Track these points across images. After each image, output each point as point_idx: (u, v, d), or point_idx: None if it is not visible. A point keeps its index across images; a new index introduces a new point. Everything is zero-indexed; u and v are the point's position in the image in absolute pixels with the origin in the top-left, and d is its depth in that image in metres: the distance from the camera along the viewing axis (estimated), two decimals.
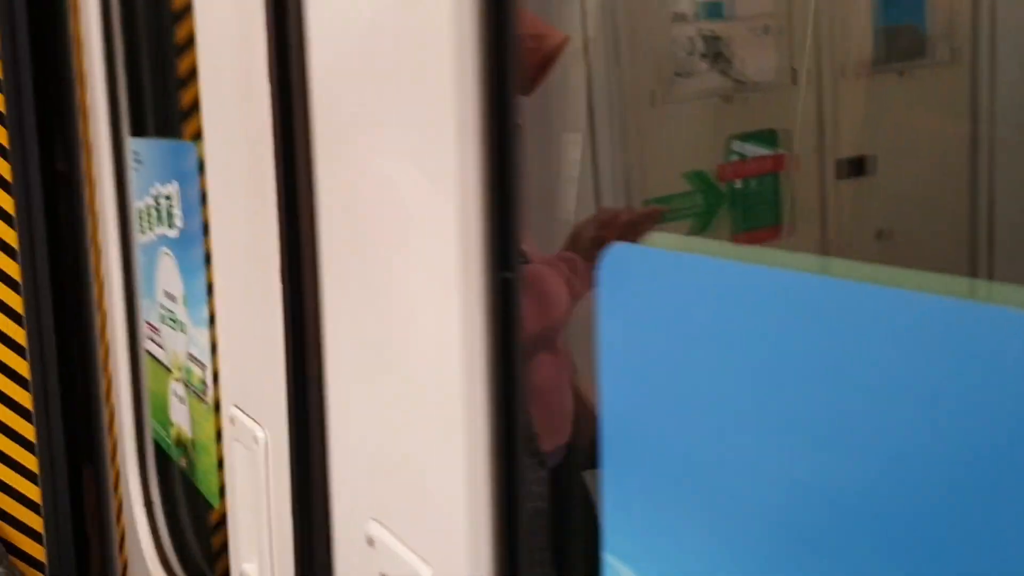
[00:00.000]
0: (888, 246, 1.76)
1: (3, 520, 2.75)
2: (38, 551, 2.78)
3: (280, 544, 1.46)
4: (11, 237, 2.54)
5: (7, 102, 2.42)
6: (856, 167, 1.79)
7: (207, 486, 1.89)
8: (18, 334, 2.63)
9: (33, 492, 2.74)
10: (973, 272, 1.75)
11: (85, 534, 2.77)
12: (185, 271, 1.88)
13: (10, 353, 2.64)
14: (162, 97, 2.23)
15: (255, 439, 1.48)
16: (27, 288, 2.55)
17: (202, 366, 1.82)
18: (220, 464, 1.73)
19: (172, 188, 1.90)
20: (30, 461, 2.72)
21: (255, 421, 1.50)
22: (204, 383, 1.83)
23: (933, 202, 1.82)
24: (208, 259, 1.64)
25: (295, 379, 1.40)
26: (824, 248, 1.87)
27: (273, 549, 1.49)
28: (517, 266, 0.98)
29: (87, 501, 2.75)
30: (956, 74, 1.76)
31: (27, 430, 2.70)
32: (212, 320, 1.76)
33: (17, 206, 2.48)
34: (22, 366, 2.66)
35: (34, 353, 2.62)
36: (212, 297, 1.70)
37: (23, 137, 2.42)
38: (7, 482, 2.72)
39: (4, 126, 2.46)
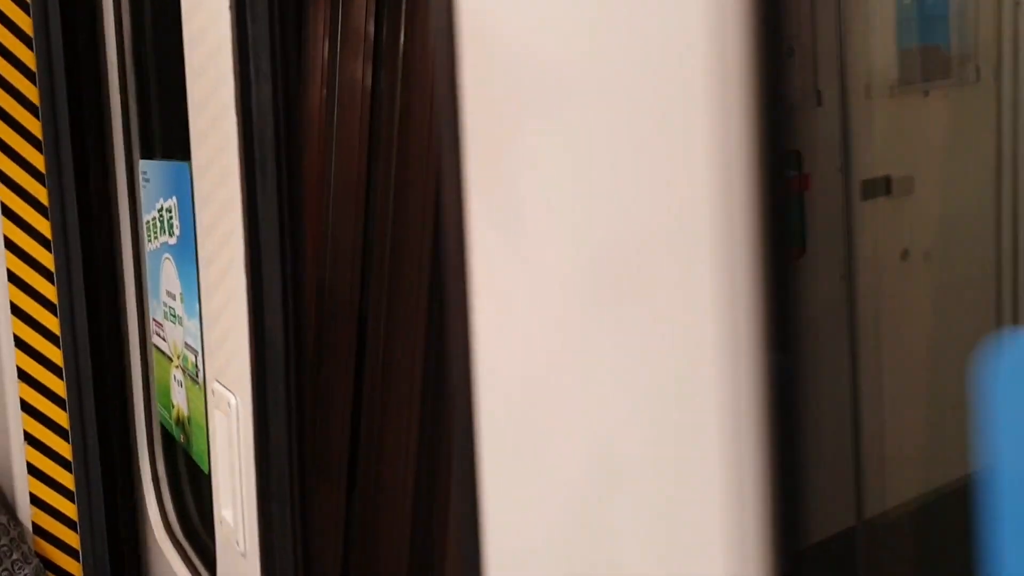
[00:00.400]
0: (913, 266, 1.76)
1: (40, 536, 2.78)
2: (75, 568, 2.80)
3: (247, 492, 1.73)
4: (47, 259, 2.62)
5: (44, 130, 2.51)
6: (882, 187, 1.79)
7: (199, 455, 2.17)
8: (55, 354, 2.69)
9: (69, 509, 2.78)
10: (999, 291, 1.71)
11: (120, 551, 2.76)
12: (182, 272, 2.18)
13: (47, 373, 2.68)
14: (170, 122, 2.44)
15: (229, 405, 1.76)
16: (63, 310, 2.61)
17: (195, 352, 2.11)
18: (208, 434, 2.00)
19: (172, 202, 2.20)
20: (66, 479, 2.75)
21: (229, 390, 1.78)
22: (196, 367, 2.12)
23: (960, 222, 1.80)
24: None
25: (257, 355, 1.67)
26: (849, 268, 1.84)
27: (243, 496, 1.76)
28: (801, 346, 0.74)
29: (120, 518, 2.75)
30: (982, 94, 1.76)
31: (63, 448, 2.74)
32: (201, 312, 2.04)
33: (53, 230, 2.54)
34: (59, 386, 2.73)
35: (70, 374, 2.64)
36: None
37: (59, 160, 2.50)
38: (44, 499, 2.75)
39: (41, 151, 2.57)
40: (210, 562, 2.11)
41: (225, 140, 1.71)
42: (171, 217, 2.23)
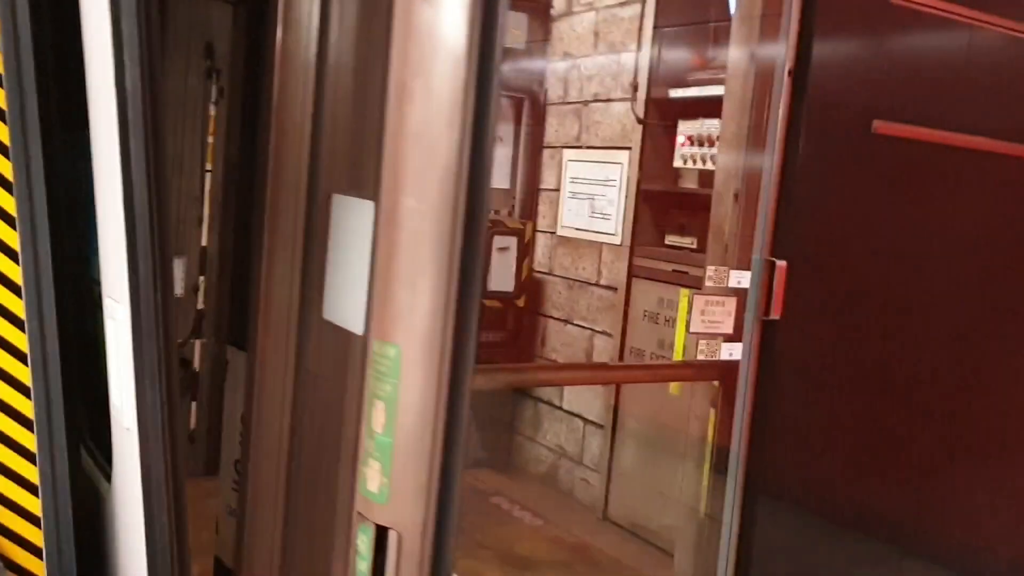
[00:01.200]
0: None
1: (2, 534, 2.62)
2: (38, 567, 2.66)
3: (128, 379, 2.24)
4: (11, 238, 2.49)
5: (9, 102, 2.37)
6: None
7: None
8: (19, 339, 2.53)
9: (33, 504, 2.62)
10: None
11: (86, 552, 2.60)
12: (91, 220, 2.70)
13: (12, 360, 2.52)
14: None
15: (116, 313, 2.27)
16: (29, 292, 2.47)
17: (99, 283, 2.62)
18: None
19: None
20: (31, 472, 2.59)
21: (116, 301, 2.28)
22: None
23: None
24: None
25: (132, 274, 2.20)
26: None
27: (123, 389, 2.28)
28: None
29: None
30: None
31: (28, 440, 2.59)
32: None
33: (19, 206, 2.40)
34: (23, 373, 2.56)
35: (36, 360, 2.49)
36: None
37: (25, 133, 2.38)
38: (7, 495, 2.61)
39: (4, 121, 2.43)
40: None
41: (109, 112, 2.23)
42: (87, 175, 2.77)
